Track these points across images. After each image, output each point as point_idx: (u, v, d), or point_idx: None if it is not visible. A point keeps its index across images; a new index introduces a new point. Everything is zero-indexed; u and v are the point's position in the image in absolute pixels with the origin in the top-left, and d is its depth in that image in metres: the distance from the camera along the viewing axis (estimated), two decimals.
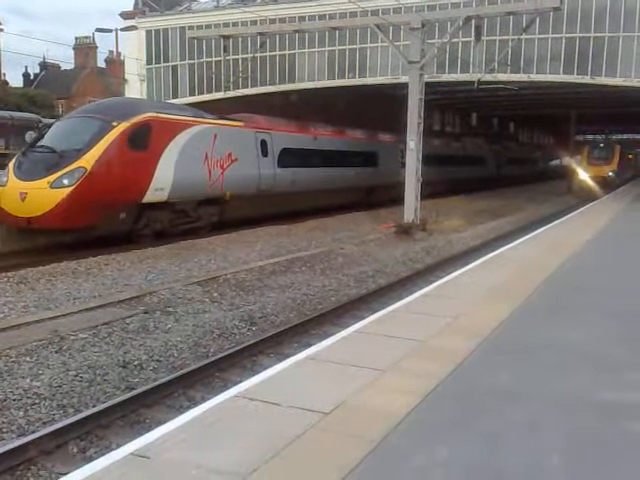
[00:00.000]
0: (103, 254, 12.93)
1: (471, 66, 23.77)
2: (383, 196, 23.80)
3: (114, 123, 13.97)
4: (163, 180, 14.84)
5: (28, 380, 6.19)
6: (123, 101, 17.65)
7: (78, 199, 12.95)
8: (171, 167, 15.08)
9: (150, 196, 14.59)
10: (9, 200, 13.24)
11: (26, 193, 13.00)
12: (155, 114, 15.00)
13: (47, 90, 49.89)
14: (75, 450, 4.99)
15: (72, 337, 7.46)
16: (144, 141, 14.44)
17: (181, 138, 15.52)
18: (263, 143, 18.78)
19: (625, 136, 61.54)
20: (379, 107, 29.79)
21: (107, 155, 13.59)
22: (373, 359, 4.77)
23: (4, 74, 52.44)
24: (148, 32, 29.79)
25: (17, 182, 13.35)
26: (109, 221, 13.65)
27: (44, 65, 54.98)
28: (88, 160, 13.30)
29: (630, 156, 50.05)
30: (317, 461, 3.24)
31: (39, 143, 14.43)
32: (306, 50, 26.81)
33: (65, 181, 13.02)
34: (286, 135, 20.09)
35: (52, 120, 38.05)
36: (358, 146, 24.52)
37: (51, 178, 13.04)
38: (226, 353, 7.08)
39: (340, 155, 22.75)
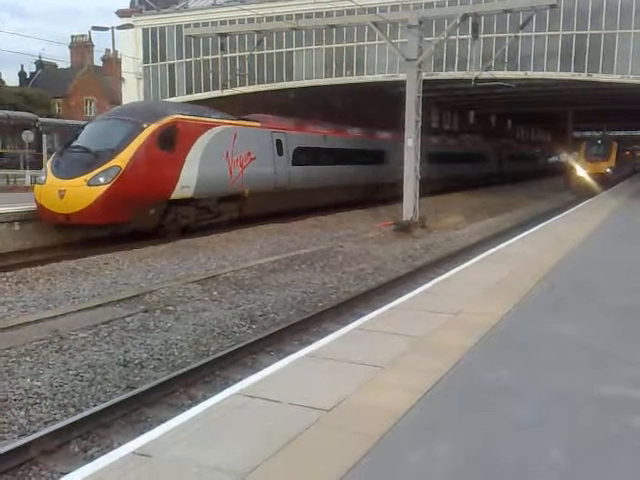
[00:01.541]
0: (102, 253, 12.96)
1: (468, 63, 23.77)
2: (390, 192, 24.12)
3: (144, 125, 14.77)
4: (189, 178, 15.65)
5: (29, 380, 6.20)
6: (151, 104, 18.40)
7: (113, 196, 13.67)
8: (196, 165, 15.88)
9: (177, 193, 15.38)
10: (48, 197, 13.93)
11: (64, 190, 13.72)
12: (181, 116, 15.83)
13: (43, 89, 49.85)
14: (76, 449, 4.99)
15: (72, 336, 7.47)
16: (171, 141, 15.27)
17: (204, 138, 16.35)
18: (278, 142, 19.63)
19: (622, 133, 61.57)
20: (378, 105, 29.82)
21: (139, 155, 14.36)
22: (373, 356, 4.77)
23: (0, 73, 52.48)
24: (145, 30, 29.72)
25: (56, 180, 14.05)
26: (140, 217, 14.40)
27: (40, 64, 54.87)
28: (122, 159, 14.06)
29: (628, 153, 50.11)
30: (318, 458, 3.24)
31: (74, 143, 15.16)
32: (303, 48, 26.77)
33: (101, 179, 13.75)
34: (299, 135, 20.93)
35: (49, 119, 38.13)
36: (366, 144, 25.07)
37: (88, 176, 13.77)
38: (227, 351, 7.09)
39: (350, 153, 23.47)
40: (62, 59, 54.60)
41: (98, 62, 57.59)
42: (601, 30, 22.89)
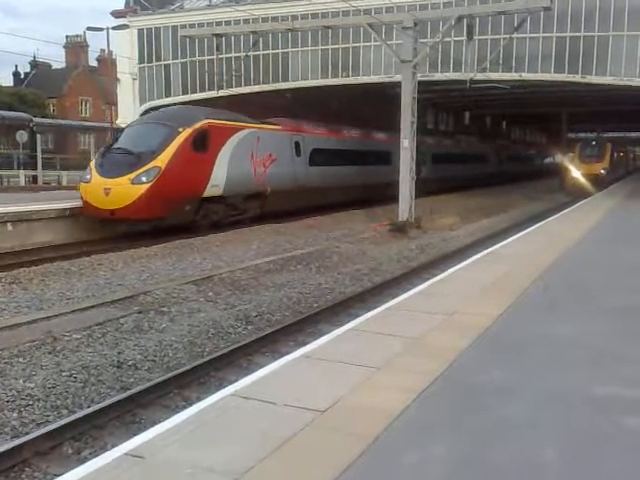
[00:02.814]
0: (96, 254, 12.93)
1: (463, 65, 23.78)
2: (397, 191, 24.57)
3: (180, 129, 16.12)
4: (218, 177, 17.06)
5: (21, 381, 6.16)
6: (185, 109, 19.29)
7: (154, 194, 14.99)
8: (225, 166, 17.29)
9: (209, 191, 16.79)
10: (94, 195, 15.24)
11: (110, 189, 15.02)
12: (211, 120, 17.18)
13: (38, 89, 49.65)
14: (70, 451, 4.97)
15: (66, 337, 7.43)
16: (204, 144, 16.63)
17: (232, 141, 17.78)
18: (297, 144, 21.16)
19: (616, 134, 61.71)
20: (374, 106, 29.89)
21: (176, 156, 15.70)
22: (368, 357, 4.76)
23: None
24: (140, 31, 29.66)
25: (101, 179, 15.36)
26: (177, 213, 15.77)
27: (35, 64, 54.64)
28: (162, 160, 15.42)
29: (622, 154, 50.24)
30: (312, 459, 3.23)
31: (115, 146, 16.57)
32: (299, 49, 26.77)
33: (143, 178, 15.09)
34: (315, 137, 22.42)
35: (43, 120, 38.00)
36: (375, 146, 26.20)
37: (131, 176, 15.10)
38: (222, 352, 7.06)
39: (361, 154, 24.87)
40: (57, 59, 54.42)
41: (93, 62, 57.47)
42: (594, 32, 22.97)
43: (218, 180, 16.99)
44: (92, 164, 16.27)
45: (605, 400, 4.04)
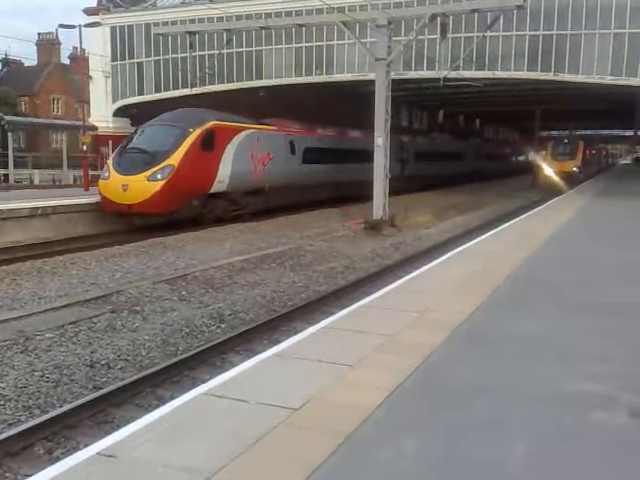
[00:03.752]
0: (69, 253, 12.79)
1: (437, 63, 23.97)
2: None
3: (190, 130, 17.37)
4: (223, 174, 18.38)
5: None
6: (194, 111, 19.95)
7: (168, 190, 16.23)
8: (229, 164, 18.61)
9: (215, 187, 18.11)
10: (113, 190, 16.47)
11: (127, 185, 16.22)
12: (218, 121, 18.46)
13: (9, 87, 48.80)
14: (41, 451, 4.92)
15: (38, 337, 7.35)
16: (211, 144, 17.91)
17: (235, 141, 19.07)
18: (291, 143, 22.47)
19: (589, 132, 62.59)
20: (349, 103, 29.97)
21: (188, 155, 16.94)
22: (342, 354, 4.78)
23: None
24: (113, 28, 29.40)
25: (119, 176, 16.60)
26: (187, 207, 17.01)
27: (6, 61, 53.71)
28: (175, 159, 16.69)
29: (594, 152, 51.00)
30: (285, 457, 3.24)
31: (130, 145, 17.66)
32: (273, 47, 26.74)
33: (159, 176, 16.35)
34: (308, 137, 23.81)
35: (15, 118, 37.38)
36: (363, 144, 26.44)
37: (147, 173, 16.37)
38: (195, 351, 7.04)
39: (350, 153, 25.96)
40: (28, 57, 53.57)
41: (65, 60, 56.60)
42: (567, 31, 23.30)
43: (223, 177, 18.25)
44: (110, 162, 17.50)
45: (575, 396, 4.10)
